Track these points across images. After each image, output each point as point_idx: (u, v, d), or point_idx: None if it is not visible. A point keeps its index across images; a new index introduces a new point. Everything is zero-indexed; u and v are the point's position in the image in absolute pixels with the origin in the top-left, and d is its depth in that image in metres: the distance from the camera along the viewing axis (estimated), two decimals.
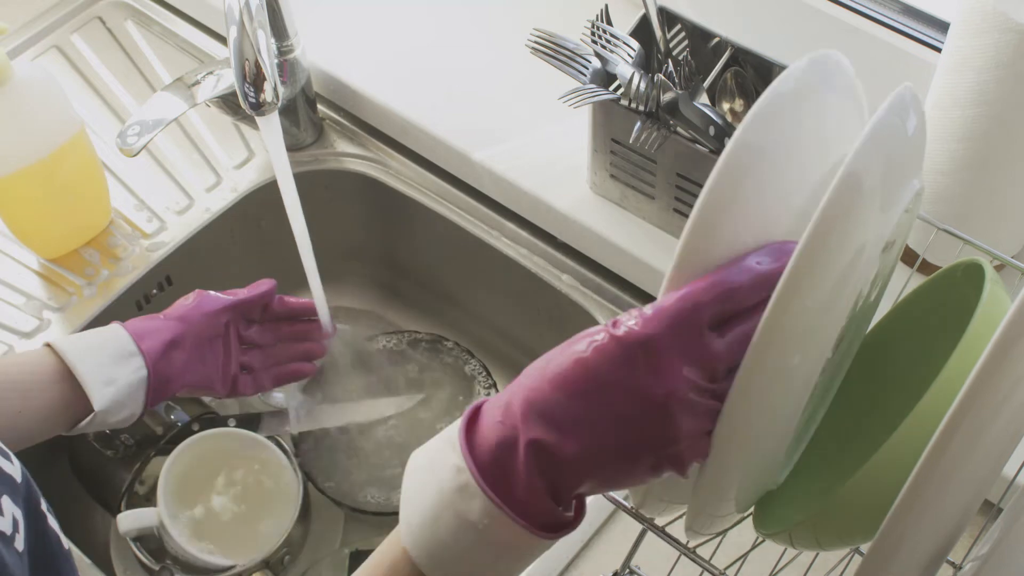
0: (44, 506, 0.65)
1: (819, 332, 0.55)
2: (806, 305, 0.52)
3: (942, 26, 1.02)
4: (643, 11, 0.95)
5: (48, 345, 0.87)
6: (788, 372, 0.54)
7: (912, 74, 1.01)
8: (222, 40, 1.28)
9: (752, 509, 0.69)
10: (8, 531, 0.59)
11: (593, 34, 0.94)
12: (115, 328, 0.90)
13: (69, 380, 0.85)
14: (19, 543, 0.61)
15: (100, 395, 0.85)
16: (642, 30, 0.96)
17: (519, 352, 1.22)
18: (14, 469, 0.63)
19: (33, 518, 0.64)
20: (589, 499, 0.74)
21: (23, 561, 0.60)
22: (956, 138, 0.88)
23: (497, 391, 1.11)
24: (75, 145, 1.06)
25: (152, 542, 1.01)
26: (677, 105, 0.90)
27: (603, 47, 0.92)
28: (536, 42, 0.95)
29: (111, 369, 0.87)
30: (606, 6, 0.94)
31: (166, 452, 1.02)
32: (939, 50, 1.00)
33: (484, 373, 1.14)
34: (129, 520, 0.98)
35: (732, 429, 0.56)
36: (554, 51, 0.95)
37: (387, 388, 1.15)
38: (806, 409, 0.61)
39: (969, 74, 0.85)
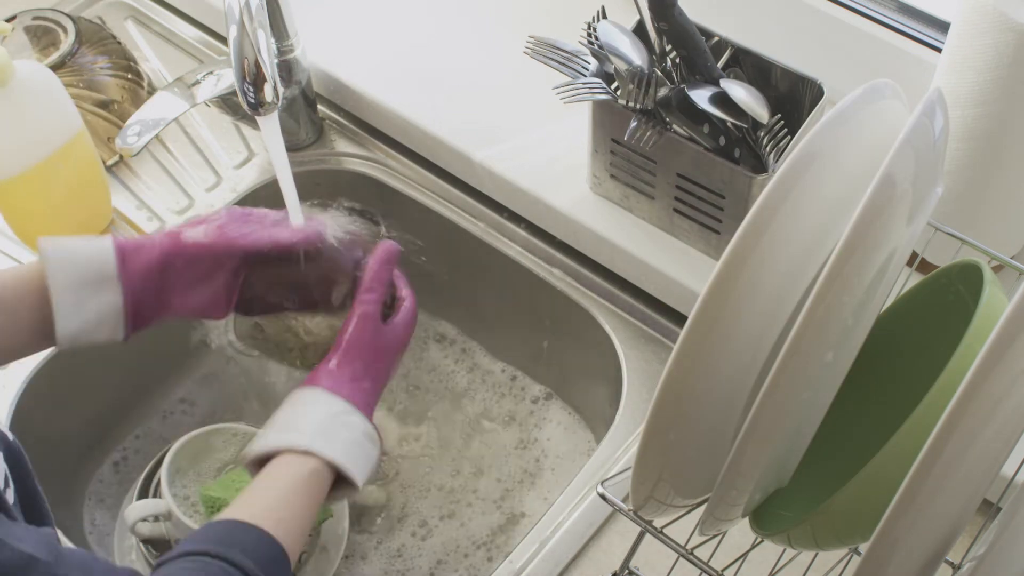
0: (29, 464, 0.72)
1: (852, 331, 0.56)
2: (843, 301, 0.54)
3: (942, 26, 1.02)
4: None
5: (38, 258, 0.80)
6: (822, 368, 0.55)
7: (912, 74, 1.01)
8: (222, 40, 1.28)
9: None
10: (1, 485, 0.67)
11: (590, 35, 0.94)
12: (104, 245, 0.81)
13: (42, 296, 0.79)
14: (10, 495, 0.68)
15: (64, 325, 0.79)
16: (640, 30, 0.96)
17: (518, 351, 1.22)
18: (3, 427, 0.69)
19: (21, 474, 0.70)
20: (587, 500, 0.95)
21: (16, 510, 0.67)
22: (956, 138, 0.88)
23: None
24: (76, 145, 1.06)
25: (160, 547, 1.00)
26: (671, 102, 0.91)
27: (600, 48, 0.92)
28: (534, 48, 0.96)
29: (83, 293, 0.80)
30: (603, 7, 0.94)
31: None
32: (939, 50, 1.00)
33: None
34: (137, 510, 0.96)
35: (763, 423, 0.56)
36: (552, 54, 0.95)
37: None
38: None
39: (969, 74, 0.85)
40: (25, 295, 0.79)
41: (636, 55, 0.91)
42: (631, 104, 0.91)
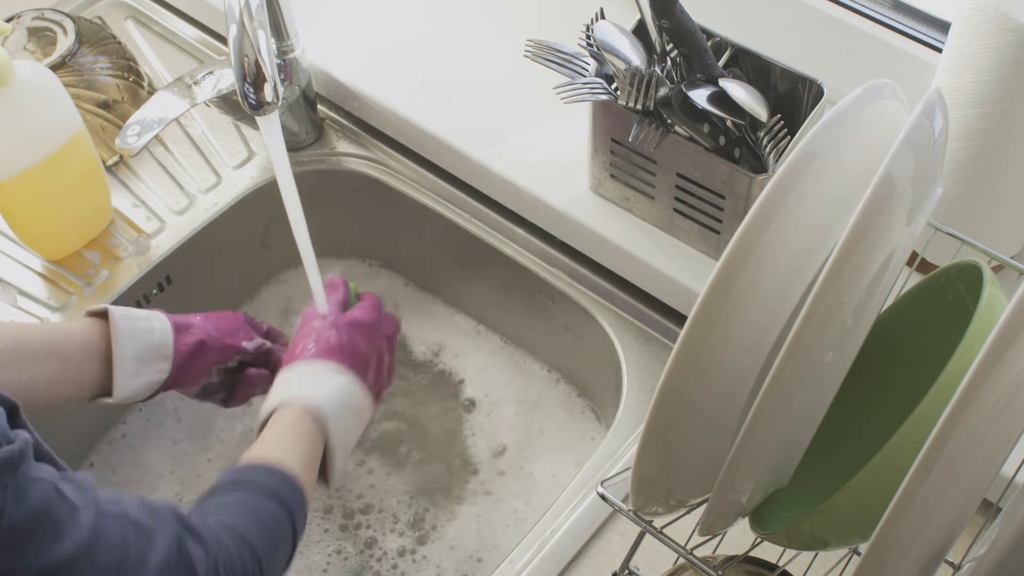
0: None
1: (851, 331, 0.56)
2: (843, 302, 0.54)
3: (942, 26, 1.02)
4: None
5: (94, 314, 0.91)
6: (822, 368, 0.55)
7: (912, 74, 1.01)
8: (222, 40, 1.28)
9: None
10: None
11: (588, 37, 0.94)
12: (162, 321, 0.94)
13: (105, 361, 0.90)
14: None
15: (122, 388, 0.90)
16: (641, 30, 0.96)
17: (518, 351, 1.22)
18: None
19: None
20: (587, 500, 0.97)
21: None
22: (957, 138, 0.88)
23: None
24: (76, 145, 1.06)
25: None
26: (671, 102, 0.91)
27: (598, 49, 0.92)
28: (533, 52, 0.96)
29: (142, 364, 0.91)
30: (601, 9, 0.94)
31: None
32: (939, 50, 1.00)
33: None
34: None
35: (763, 423, 0.56)
36: (552, 56, 0.95)
37: None
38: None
39: (970, 74, 0.85)
40: (83, 354, 0.89)
41: (635, 55, 0.91)
42: (631, 104, 0.91)
